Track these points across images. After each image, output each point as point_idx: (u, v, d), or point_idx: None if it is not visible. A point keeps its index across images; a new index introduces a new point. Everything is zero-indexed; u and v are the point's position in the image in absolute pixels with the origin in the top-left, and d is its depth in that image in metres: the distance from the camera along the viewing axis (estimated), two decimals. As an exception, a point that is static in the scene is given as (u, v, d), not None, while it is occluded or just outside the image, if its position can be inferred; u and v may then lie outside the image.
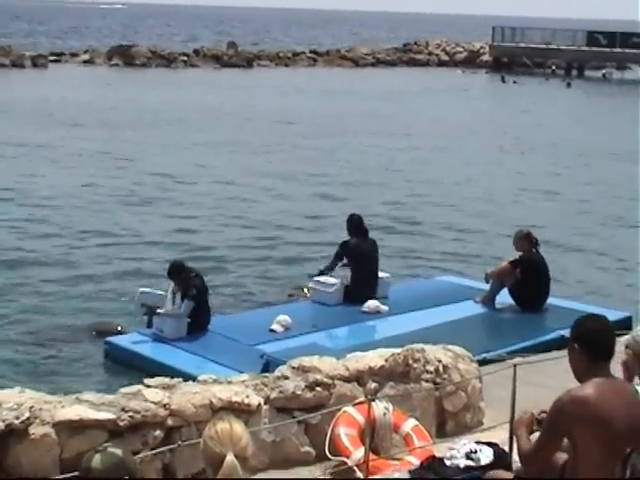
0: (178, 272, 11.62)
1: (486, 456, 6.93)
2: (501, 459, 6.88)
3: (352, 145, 31.08)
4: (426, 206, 22.09)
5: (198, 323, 11.51)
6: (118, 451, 3.85)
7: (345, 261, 13.19)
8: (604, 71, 66.89)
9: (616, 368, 5.97)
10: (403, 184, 24.57)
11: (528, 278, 12.76)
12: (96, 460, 3.79)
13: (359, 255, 13.05)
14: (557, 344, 10.41)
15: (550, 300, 12.99)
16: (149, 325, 11.69)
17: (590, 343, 5.13)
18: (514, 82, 59.54)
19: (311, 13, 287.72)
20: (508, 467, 6.26)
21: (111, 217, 19.61)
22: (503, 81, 60.61)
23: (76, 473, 3.93)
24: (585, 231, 20.30)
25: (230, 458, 3.91)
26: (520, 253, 12.94)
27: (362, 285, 12.86)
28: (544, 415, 5.32)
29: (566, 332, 11.39)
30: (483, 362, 9.83)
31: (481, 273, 13.78)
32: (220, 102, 42.06)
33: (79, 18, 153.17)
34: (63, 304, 13.93)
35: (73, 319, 13.20)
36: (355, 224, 13.27)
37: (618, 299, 14.68)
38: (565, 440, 5.04)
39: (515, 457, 5.40)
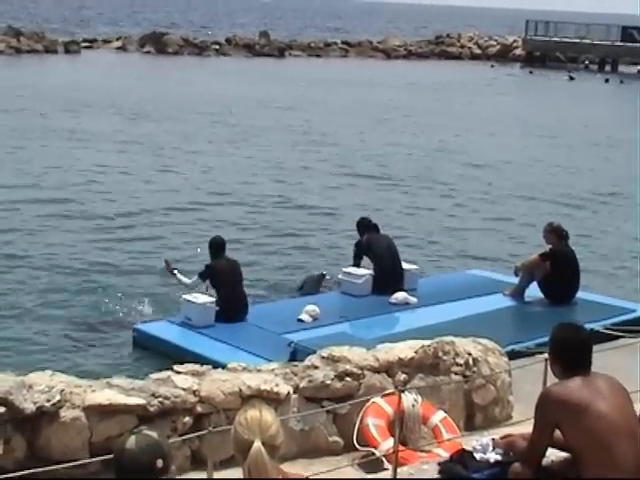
0: (215, 248, 11.96)
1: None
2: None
3: (389, 139, 30.94)
4: (457, 198, 22.05)
5: (227, 311, 11.53)
6: (154, 434, 3.85)
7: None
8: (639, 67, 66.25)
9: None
10: (441, 177, 24.55)
11: (558, 271, 12.68)
12: (131, 441, 3.78)
13: (375, 249, 13.19)
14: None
15: (580, 294, 12.93)
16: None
17: (561, 354, 5.22)
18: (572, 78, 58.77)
19: (341, 4, 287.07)
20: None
21: (148, 206, 19.62)
22: (530, 72, 61.11)
23: (109, 456, 3.94)
24: (621, 226, 20.17)
25: (257, 445, 3.89)
26: (550, 246, 12.89)
27: (386, 277, 12.89)
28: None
29: (596, 326, 11.44)
30: (511, 354, 9.80)
31: (510, 266, 13.72)
32: (253, 91, 42.10)
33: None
34: (97, 292, 13.92)
35: (105, 306, 13.22)
36: (365, 225, 13.54)
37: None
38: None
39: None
